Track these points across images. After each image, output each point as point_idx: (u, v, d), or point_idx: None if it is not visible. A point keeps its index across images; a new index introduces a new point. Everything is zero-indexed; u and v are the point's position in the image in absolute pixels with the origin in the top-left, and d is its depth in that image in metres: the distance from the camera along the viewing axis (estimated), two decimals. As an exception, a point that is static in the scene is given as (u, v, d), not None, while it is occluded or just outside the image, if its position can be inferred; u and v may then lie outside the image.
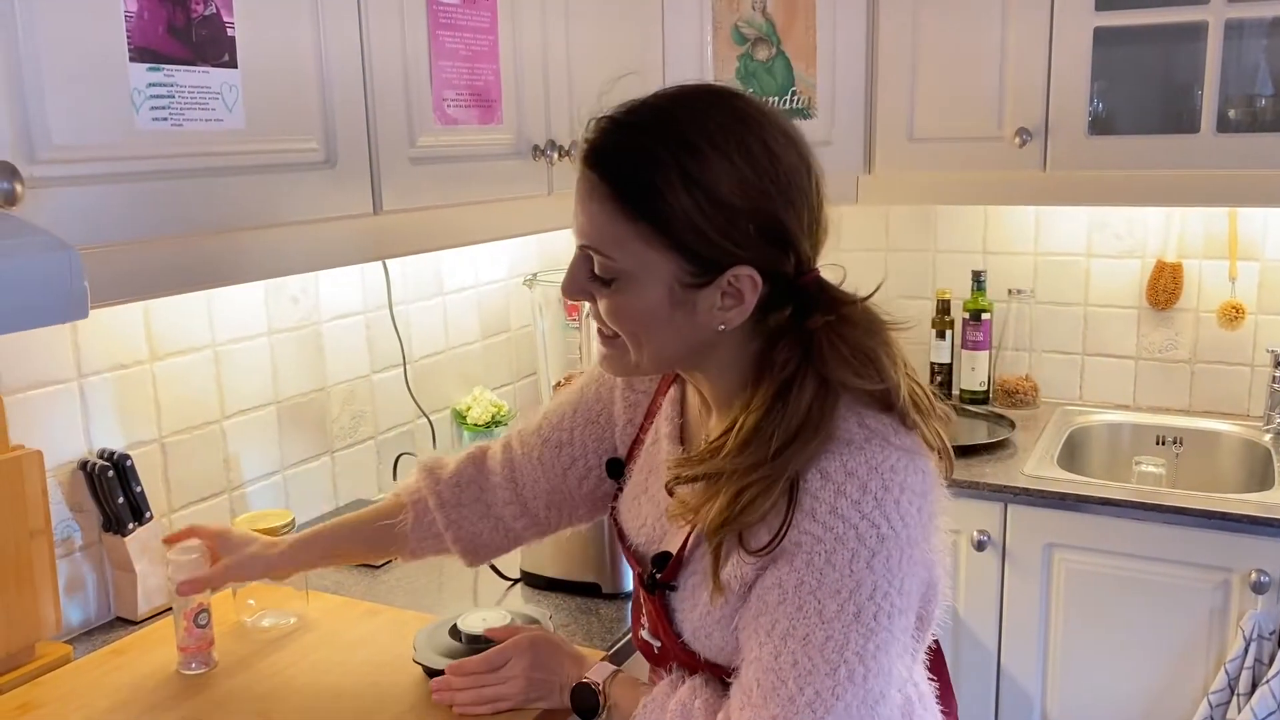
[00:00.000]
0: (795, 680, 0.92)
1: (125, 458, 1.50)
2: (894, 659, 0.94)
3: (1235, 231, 2.38)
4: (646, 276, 0.94)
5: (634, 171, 0.92)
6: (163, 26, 1.13)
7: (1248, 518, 1.90)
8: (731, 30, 2.18)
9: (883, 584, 0.92)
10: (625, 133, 0.95)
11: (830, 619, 0.91)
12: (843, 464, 0.92)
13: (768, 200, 0.93)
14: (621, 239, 0.93)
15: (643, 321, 0.96)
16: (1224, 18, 1.99)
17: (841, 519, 0.91)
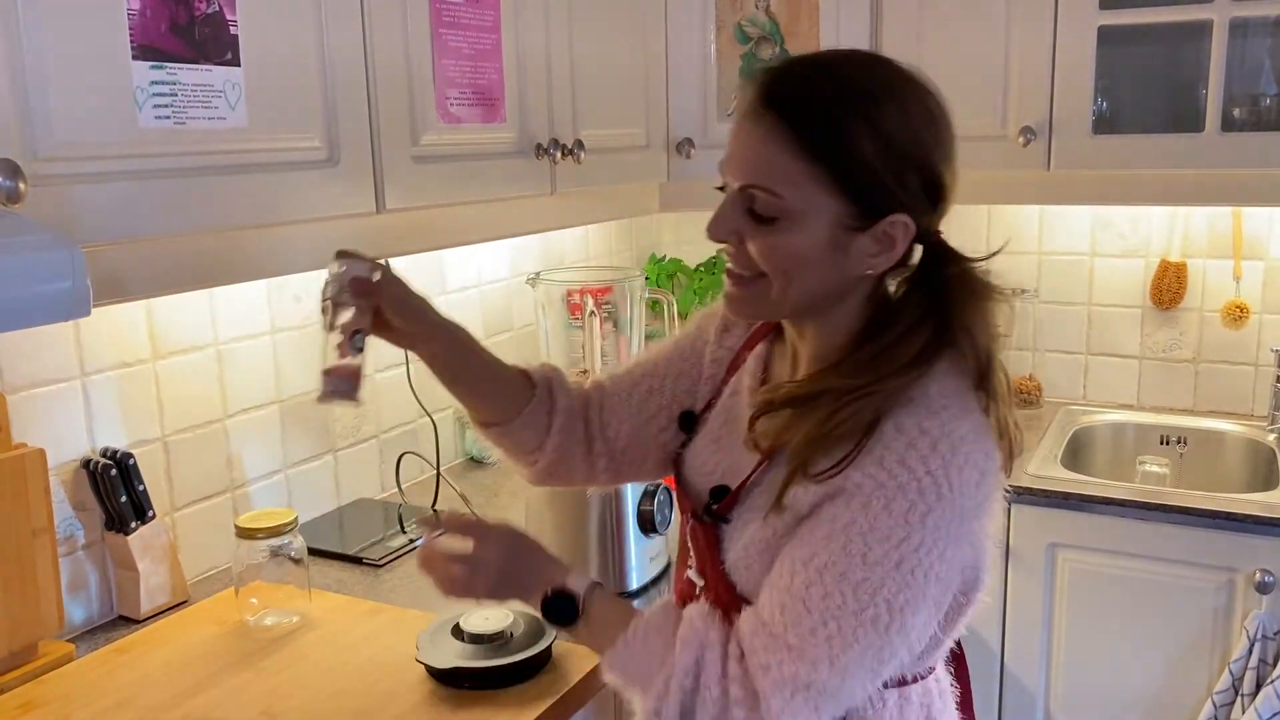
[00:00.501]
0: (821, 614, 0.93)
1: (128, 456, 1.50)
2: (917, 623, 0.96)
3: (1240, 231, 2.38)
4: (813, 216, 0.97)
5: (820, 115, 0.95)
6: (165, 24, 1.13)
7: (1252, 518, 1.90)
8: (735, 29, 2.18)
9: (929, 542, 0.94)
10: (808, 79, 0.99)
11: (873, 563, 0.93)
12: (918, 422, 0.95)
13: (930, 154, 0.98)
14: (795, 178, 0.96)
15: (798, 261, 0.98)
16: (1229, 16, 1.99)
17: (908, 469, 0.93)
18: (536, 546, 1.13)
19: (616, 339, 1.64)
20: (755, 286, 1.02)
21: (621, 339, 1.64)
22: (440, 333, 1.18)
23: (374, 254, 1.50)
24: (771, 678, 0.94)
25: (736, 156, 1.00)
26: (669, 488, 1.63)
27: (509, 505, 1.96)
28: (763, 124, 0.97)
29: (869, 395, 0.97)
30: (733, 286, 1.04)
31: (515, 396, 1.22)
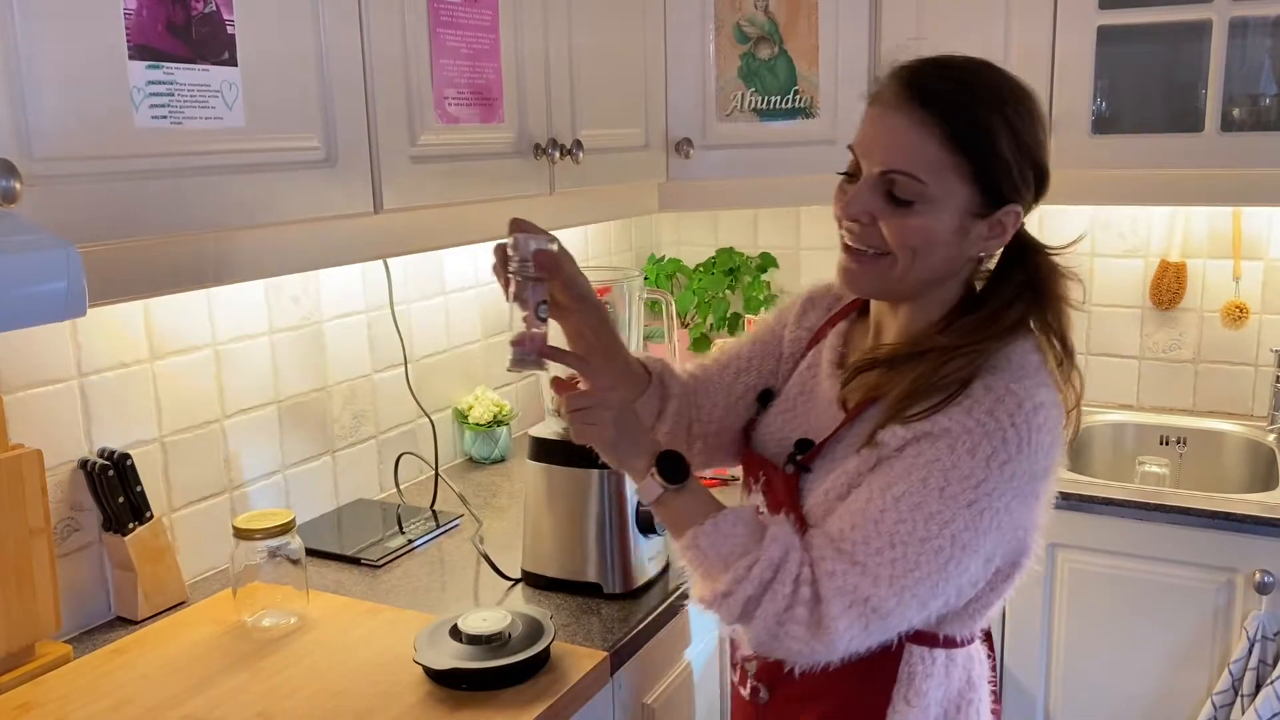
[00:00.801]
0: (890, 537, 1.03)
1: (125, 457, 1.50)
2: (972, 567, 1.05)
3: (1239, 231, 2.38)
4: (947, 202, 1.07)
5: (968, 111, 1.06)
6: (162, 24, 1.13)
7: (1251, 518, 1.90)
8: (733, 28, 2.17)
9: (1000, 490, 1.03)
10: (953, 78, 1.09)
11: (948, 498, 1.03)
12: (1006, 383, 1.06)
13: (1045, 154, 1.11)
14: (939, 167, 1.06)
15: (928, 241, 1.09)
16: (1228, 16, 1.99)
17: (995, 420, 1.04)
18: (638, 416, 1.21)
19: (615, 339, 1.64)
20: (877, 264, 1.12)
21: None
22: (593, 309, 1.26)
23: (372, 255, 1.51)
24: (835, 584, 1.02)
25: (880, 143, 1.09)
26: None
27: (508, 505, 1.95)
28: (910, 116, 1.07)
29: (971, 354, 1.08)
30: (853, 263, 1.15)
31: (635, 381, 1.32)
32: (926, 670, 1.14)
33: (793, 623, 1.03)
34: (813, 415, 1.24)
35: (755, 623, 1.05)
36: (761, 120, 2.21)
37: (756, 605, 1.04)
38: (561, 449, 1.57)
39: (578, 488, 1.55)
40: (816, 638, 1.03)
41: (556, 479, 1.57)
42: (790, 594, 1.03)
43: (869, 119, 1.12)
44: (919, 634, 1.13)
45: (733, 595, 1.05)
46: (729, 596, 1.05)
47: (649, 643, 1.51)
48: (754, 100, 2.20)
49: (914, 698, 1.14)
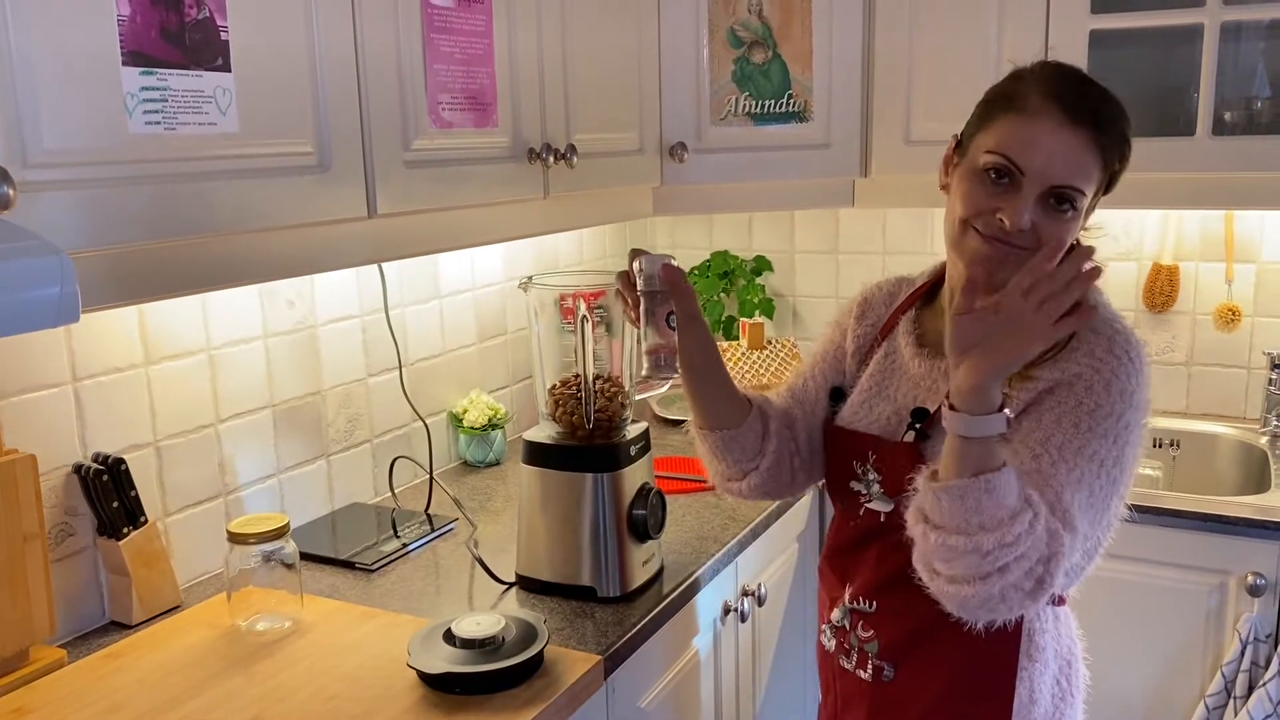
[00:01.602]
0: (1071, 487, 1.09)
1: (120, 461, 1.50)
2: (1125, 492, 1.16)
3: (1231, 234, 2.39)
4: (1087, 207, 1.19)
5: (1119, 132, 1.18)
6: (155, 30, 1.13)
7: (1244, 520, 1.90)
8: (727, 33, 2.18)
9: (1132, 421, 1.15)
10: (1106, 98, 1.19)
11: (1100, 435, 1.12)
12: (1108, 324, 1.19)
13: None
14: (1094, 179, 1.16)
15: (1069, 239, 1.18)
16: (1219, 20, 1.99)
17: (1115, 357, 1.15)
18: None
19: (609, 343, 1.64)
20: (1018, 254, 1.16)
21: (614, 343, 1.64)
22: (702, 329, 1.35)
23: (366, 259, 1.51)
24: (1059, 542, 1.05)
25: (1056, 160, 1.14)
26: (661, 491, 1.63)
27: (502, 509, 1.96)
28: (1080, 135, 1.14)
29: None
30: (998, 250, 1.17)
31: (738, 408, 1.40)
32: (1043, 626, 1.24)
33: (1031, 578, 1.04)
34: (901, 394, 1.33)
35: (1007, 577, 1.03)
36: (755, 124, 2.21)
37: (1019, 561, 1.03)
38: (556, 452, 1.57)
39: (572, 491, 1.56)
40: (1042, 591, 1.05)
41: (551, 483, 1.57)
42: (1045, 548, 1.04)
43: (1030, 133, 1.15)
44: None
45: (1016, 545, 1.02)
46: (1009, 547, 1.02)
47: (643, 646, 1.52)
48: (748, 104, 2.21)
49: (1035, 653, 1.24)
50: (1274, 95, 2.11)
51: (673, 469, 2.12)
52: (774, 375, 2.48)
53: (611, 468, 1.55)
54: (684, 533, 1.81)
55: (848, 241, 2.75)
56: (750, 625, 1.89)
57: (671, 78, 2.14)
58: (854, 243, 2.75)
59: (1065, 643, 1.29)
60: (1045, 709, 1.26)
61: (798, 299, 2.86)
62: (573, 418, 1.58)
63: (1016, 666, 1.23)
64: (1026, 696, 1.24)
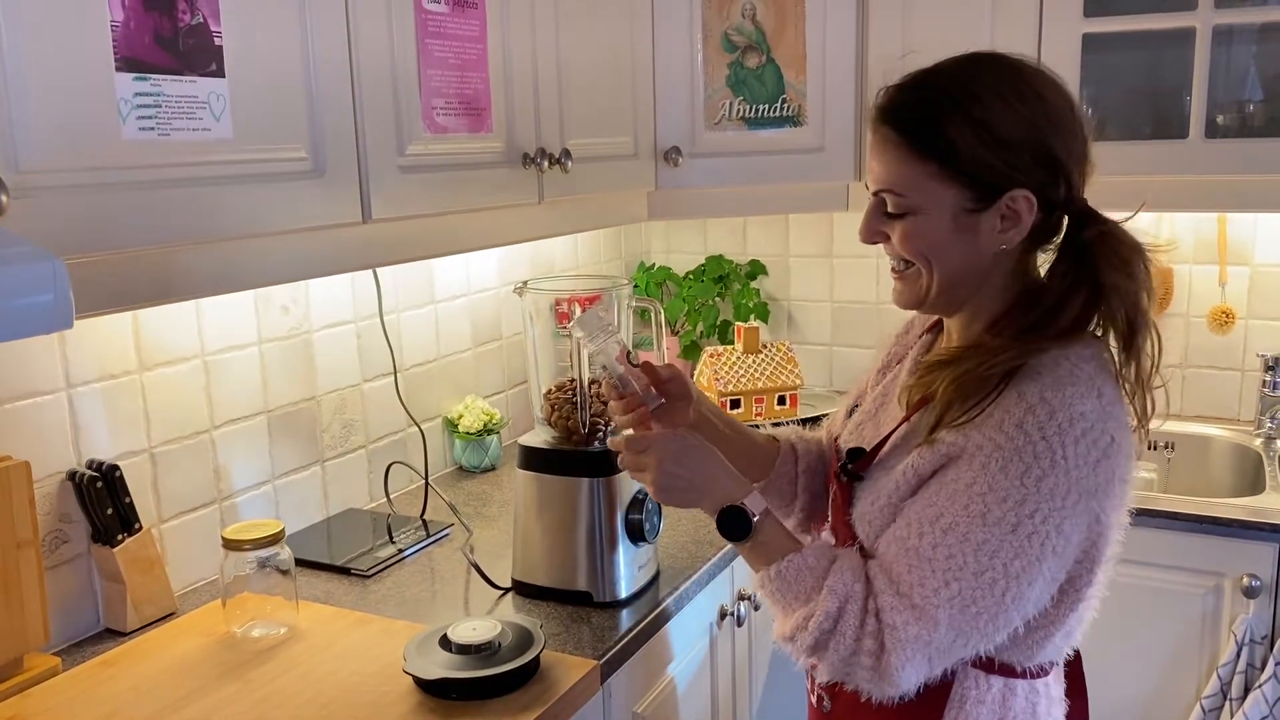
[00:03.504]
0: (944, 575, 1.03)
1: (114, 468, 1.50)
2: (1032, 594, 1.04)
3: (1225, 236, 2.39)
4: (934, 206, 1.10)
5: (921, 119, 1.10)
6: (149, 36, 1.13)
7: (1239, 522, 1.90)
8: (721, 38, 2.18)
9: (1044, 509, 1.01)
10: (910, 92, 1.13)
11: (992, 523, 1.02)
12: (1040, 392, 1.04)
13: (1038, 132, 1.08)
14: (912, 177, 1.10)
15: (931, 245, 1.12)
16: (1211, 24, 2.00)
17: (1024, 433, 1.02)
18: (709, 454, 1.22)
19: (604, 348, 1.64)
20: (908, 276, 1.16)
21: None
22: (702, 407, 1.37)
23: (361, 265, 1.51)
24: (897, 637, 1.03)
25: (870, 167, 1.16)
26: (657, 496, 1.63)
27: (498, 514, 1.95)
28: (880, 138, 1.13)
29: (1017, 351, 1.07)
30: (895, 280, 1.18)
31: (762, 458, 1.41)
32: (979, 696, 1.13)
33: (859, 667, 1.06)
34: (880, 423, 1.27)
35: (823, 663, 1.09)
36: (750, 128, 2.22)
37: (822, 650, 1.08)
38: (551, 457, 1.57)
39: (568, 496, 1.56)
40: (884, 680, 1.05)
41: (546, 487, 1.57)
42: (852, 643, 1.06)
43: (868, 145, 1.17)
44: (976, 658, 1.11)
45: (796, 640, 1.09)
46: (793, 641, 1.10)
47: (639, 651, 1.51)
48: (742, 109, 2.21)
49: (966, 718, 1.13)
50: (1267, 98, 2.12)
51: (668, 473, 2.11)
52: (768, 379, 2.48)
53: (607, 472, 1.55)
54: (680, 537, 1.81)
55: (842, 246, 2.75)
56: (746, 630, 1.89)
57: (666, 82, 2.15)
58: (849, 247, 2.75)
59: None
60: None
61: (792, 303, 2.86)
62: (568, 422, 1.58)
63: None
64: None
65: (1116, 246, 1.10)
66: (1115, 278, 1.08)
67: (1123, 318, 1.09)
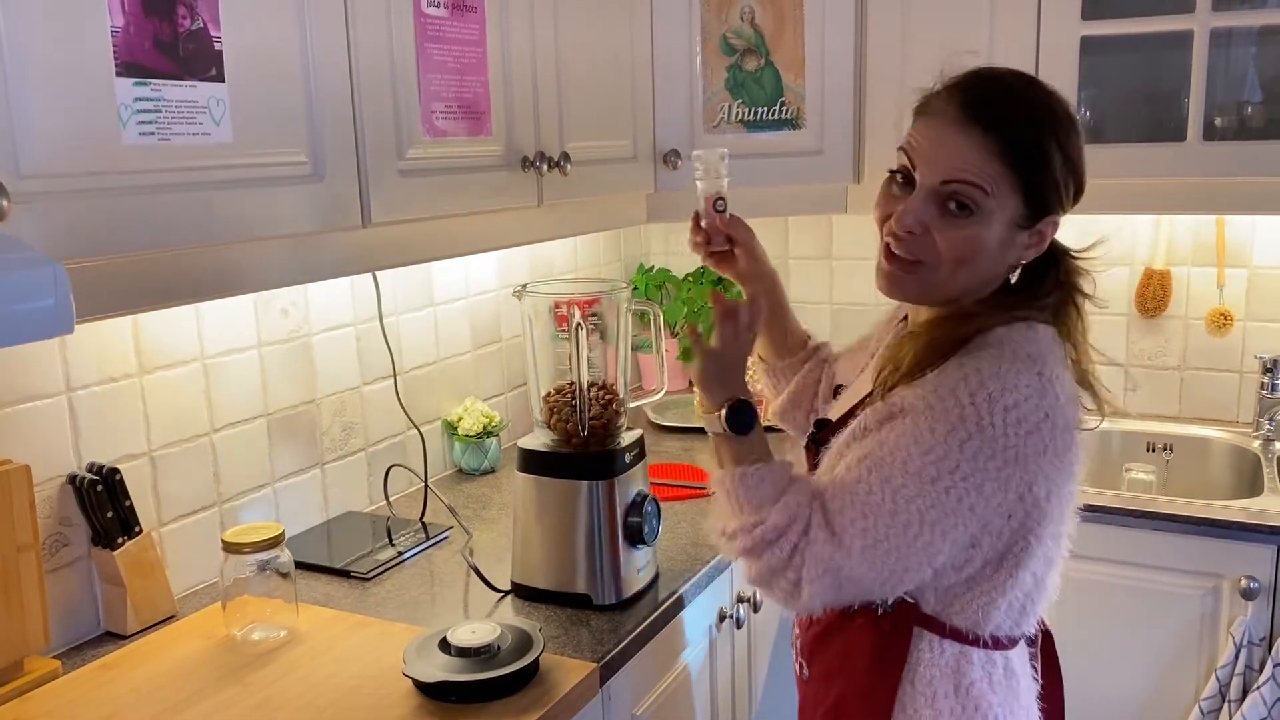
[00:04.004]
0: (862, 509, 1.11)
1: (114, 471, 1.50)
2: (945, 547, 1.10)
3: (1223, 239, 2.40)
4: (999, 212, 1.14)
5: (1023, 130, 1.13)
6: (149, 41, 1.13)
7: (1237, 524, 1.91)
8: (720, 41, 2.19)
9: (965, 468, 1.08)
10: (1010, 98, 1.15)
11: (913, 473, 1.09)
12: (978, 364, 1.11)
13: (1084, 169, 1.17)
14: (997, 180, 1.13)
15: (975, 250, 1.15)
16: (1209, 27, 2.00)
17: (955, 398, 1.09)
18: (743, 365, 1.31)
19: (604, 350, 1.64)
20: (919, 271, 1.18)
21: (609, 350, 1.65)
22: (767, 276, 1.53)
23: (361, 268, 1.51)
24: (813, 553, 1.13)
25: (942, 158, 1.14)
26: (656, 499, 1.63)
27: (497, 517, 1.96)
28: (973, 137, 1.13)
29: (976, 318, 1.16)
30: (897, 269, 1.20)
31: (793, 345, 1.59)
32: (933, 660, 1.18)
33: (782, 579, 1.15)
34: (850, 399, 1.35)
35: (750, 569, 1.18)
36: (749, 131, 2.22)
37: (755, 557, 1.16)
38: (551, 460, 1.57)
39: (567, 499, 1.56)
40: (794, 597, 1.15)
41: (546, 490, 1.57)
42: (787, 559, 1.14)
43: (927, 133, 1.17)
44: (928, 620, 1.18)
45: (736, 541, 1.18)
46: (733, 540, 1.19)
47: (639, 654, 1.52)
48: (741, 111, 2.21)
49: (918, 681, 1.19)
50: (1265, 100, 2.12)
51: (668, 476, 2.12)
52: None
53: (606, 475, 1.55)
54: (679, 539, 1.81)
55: (841, 248, 2.76)
56: (745, 632, 1.89)
57: (664, 85, 2.15)
58: (848, 249, 2.76)
59: (975, 691, 1.19)
60: None
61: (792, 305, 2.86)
62: (567, 425, 1.58)
63: (897, 687, 1.19)
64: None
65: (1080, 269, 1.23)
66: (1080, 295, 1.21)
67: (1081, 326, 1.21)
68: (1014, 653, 1.24)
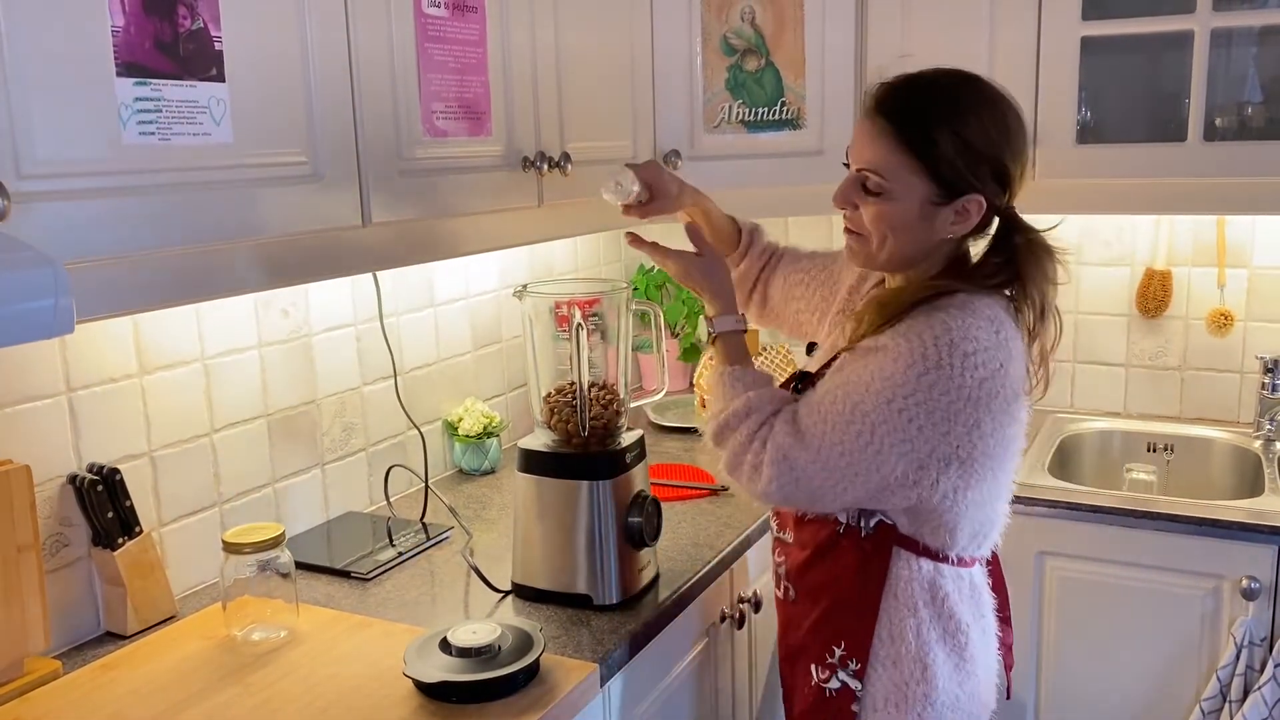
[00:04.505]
0: (824, 414, 1.30)
1: (114, 472, 1.50)
2: (897, 466, 1.27)
3: (1223, 239, 2.39)
4: (906, 194, 1.32)
5: (914, 119, 1.30)
6: (150, 41, 1.13)
7: (1238, 524, 1.91)
8: (720, 41, 2.19)
9: (919, 398, 1.25)
10: (907, 91, 1.33)
11: (873, 394, 1.27)
12: (944, 315, 1.27)
13: (1000, 152, 1.31)
14: (895, 166, 1.31)
15: (894, 226, 1.34)
16: (1210, 27, 2.00)
17: (920, 339, 1.26)
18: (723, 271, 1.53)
19: (604, 350, 1.64)
20: (863, 240, 1.38)
21: (609, 350, 1.65)
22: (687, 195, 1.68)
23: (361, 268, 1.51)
24: (775, 442, 1.32)
25: (857, 147, 1.36)
26: (656, 499, 1.63)
27: (498, 517, 1.96)
28: (875, 124, 1.33)
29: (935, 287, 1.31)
30: (850, 240, 1.41)
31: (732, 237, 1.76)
32: (911, 575, 1.36)
33: (744, 464, 1.34)
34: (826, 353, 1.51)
35: (723, 452, 1.38)
36: (749, 132, 2.22)
37: (721, 441, 1.38)
38: (551, 460, 1.57)
39: (568, 499, 1.56)
40: (755, 481, 1.33)
41: (546, 491, 1.57)
42: (744, 443, 1.35)
43: (855, 128, 1.38)
44: (905, 540, 1.36)
45: (710, 425, 1.40)
46: (712, 420, 1.40)
47: (639, 654, 1.52)
48: (741, 112, 2.21)
49: (901, 595, 1.36)
50: (1265, 101, 2.12)
51: (668, 476, 2.12)
52: (769, 382, 2.48)
53: (607, 475, 1.55)
54: (680, 540, 1.81)
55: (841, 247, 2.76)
56: (746, 632, 1.89)
57: (665, 85, 2.15)
58: (848, 249, 2.75)
59: (949, 602, 1.37)
60: (911, 653, 1.36)
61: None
62: (568, 425, 1.58)
63: (880, 598, 1.36)
64: (886, 634, 1.37)
65: (1038, 251, 1.34)
66: (1034, 273, 1.33)
67: (1035, 304, 1.33)
68: (975, 570, 1.43)
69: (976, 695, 1.42)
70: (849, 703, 1.39)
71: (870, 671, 1.37)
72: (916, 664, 1.36)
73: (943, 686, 1.37)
